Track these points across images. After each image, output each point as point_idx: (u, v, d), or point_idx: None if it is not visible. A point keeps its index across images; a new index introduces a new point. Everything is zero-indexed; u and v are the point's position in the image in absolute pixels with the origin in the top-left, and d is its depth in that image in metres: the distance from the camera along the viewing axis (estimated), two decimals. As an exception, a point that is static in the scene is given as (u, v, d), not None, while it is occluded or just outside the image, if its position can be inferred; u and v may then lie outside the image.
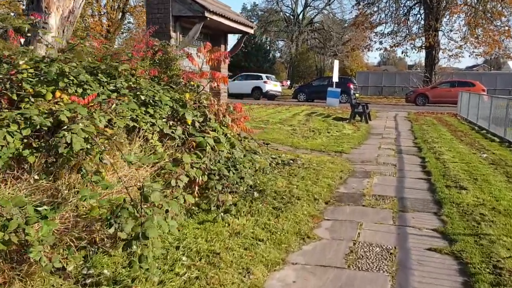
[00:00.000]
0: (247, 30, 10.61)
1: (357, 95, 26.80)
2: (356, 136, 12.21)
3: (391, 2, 33.74)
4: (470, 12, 31.26)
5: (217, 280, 3.32)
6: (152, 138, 4.47)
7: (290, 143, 10.23)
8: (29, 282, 2.91)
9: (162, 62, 5.65)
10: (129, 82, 4.73)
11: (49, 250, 3.01)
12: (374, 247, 4.22)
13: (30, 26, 5.27)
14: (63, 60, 4.28)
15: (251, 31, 10.99)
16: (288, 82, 55.38)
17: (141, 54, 5.31)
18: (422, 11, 33.27)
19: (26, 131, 3.04)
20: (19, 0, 20.88)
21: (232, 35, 11.30)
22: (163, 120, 4.70)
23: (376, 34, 36.04)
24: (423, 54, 34.22)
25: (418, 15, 34.15)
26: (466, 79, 28.80)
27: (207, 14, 8.05)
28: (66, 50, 4.45)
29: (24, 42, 5.80)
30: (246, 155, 5.43)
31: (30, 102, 3.50)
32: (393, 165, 8.27)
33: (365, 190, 6.36)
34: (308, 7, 55.87)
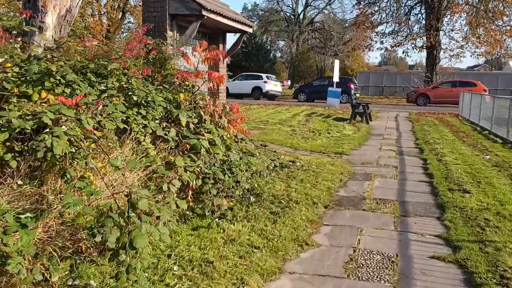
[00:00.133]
0: (246, 29, 10.43)
1: (357, 95, 26.63)
2: (356, 137, 12.04)
3: (392, 1, 33.55)
4: (471, 11, 31.03)
5: (209, 291, 3.16)
6: (144, 141, 4.30)
7: (290, 144, 10.06)
8: (9, 294, 2.75)
9: (156, 61, 5.47)
10: (121, 82, 4.55)
11: (30, 260, 2.84)
12: (375, 255, 4.05)
13: (19, 24, 5.10)
14: (51, 59, 4.12)
15: (250, 30, 10.82)
16: (288, 82, 55.18)
17: (134, 53, 5.14)
18: (423, 11, 33.09)
19: (3, 135, 2.86)
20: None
21: (231, 34, 11.13)
22: (156, 121, 4.52)
23: (377, 33, 35.87)
24: (424, 54, 34.04)
25: (419, 15, 33.97)
26: (467, 79, 28.61)
27: (204, 13, 7.88)
28: (53, 49, 4.29)
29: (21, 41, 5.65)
30: (242, 158, 5.25)
31: (14, 103, 3.32)
32: (394, 167, 8.09)
33: (365, 193, 6.19)
34: (308, 7, 55.82)
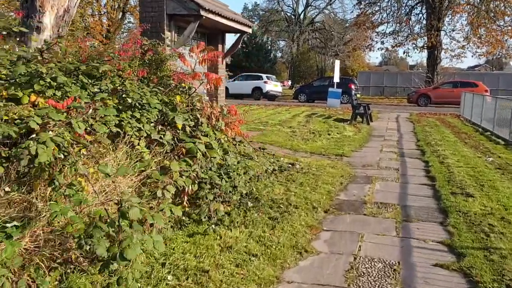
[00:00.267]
0: (245, 29, 10.31)
1: (358, 96, 26.49)
2: (357, 138, 11.90)
3: (393, 1, 33.38)
4: (472, 11, 30.88)
5: (204, 303, 3.04)
6: (138, 144, 4.17)
7: (289, 146, 9.92)
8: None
9: (152, 62, 5.34)
10: (115, 84, 4.43)
11: (16, 271, 2.72)
12: (376, 263, 3.92)
13: (10, 25, 4.99)
14: (41, 60, 3.99)
15: (249, 30, 10.69)
16: (289, 82, 55.02)
17: (129, 54, 5.01)
18: (424, 11, 32.89)
19: (-15, 141, 2.75)
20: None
21: (231, 35, 11.01)
22: (151, 124, 4.40)
23: (377, 34, 35.72)
24: (425, 54, 33.87)
25: (420, 15, 33.78)
26: (468, 80, 28.43)
27: (203, 13, 7.75)
28: (43, 50, 4.16)
29: (17, 42, 5.55)
30: (240, 162, 5.12)
31: (1, 107, 3.19)
32: (395, 169, 7.96)
33: (366, 197, 6.06)
34: (309, 7, 55.68)
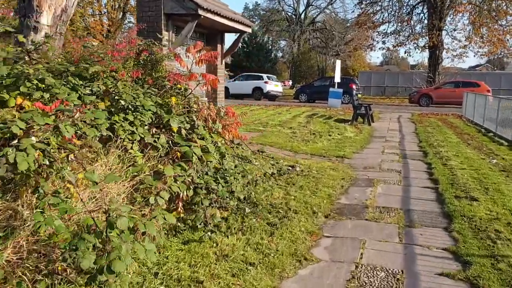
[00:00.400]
0: (245, 29, 10.14)
1: (359, 96, 26.31)
2: (358, 139, 11.74)
3: (394, 1, 33.21)
4: (474, 11, 30.68)
5: (197, 316, 2.88)
6: (131, 148, 4.02)
7: (290, 148, 9.77)
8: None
9: (148, 63, 5.19)
10: (108, 86, 4.27)
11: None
12: (379, 271, 3.76)
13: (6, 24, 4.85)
14: (29, 61, 3.84)
15: (249, 30, 10.52)
16: (290, 82, 54.87)
17: (123, 54, 4.86)
18: (425, 10, 32.70)
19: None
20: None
21: (231, 34, 10.84)
22: (145, 127, 4.24)
23: (378, 33, 35.57)
24: (426, 54, 33.73)
25: (422, 14, 33.59)
26: (470, 80, 28.23)
27: (201, 12, 7.59)
28: (31, 50, 4.01)
29: (15, 42, 5.45)
30: (237, 166, 4.96)
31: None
32: (397, 171, 7.80)
33: (368, 201, 5.90)
34: (310, 7, 55.54)
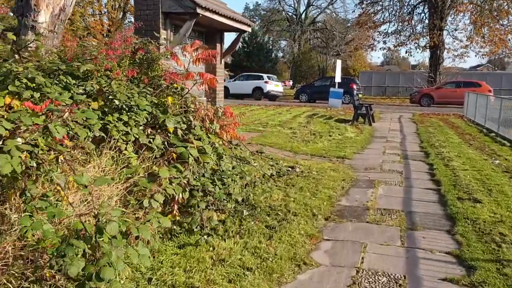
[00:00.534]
0: (244, 28, 10.02)
1: (360, 96, 26.21)
2: (359, 139, 11.62)
3: (395, 1, 33.10)
4: (475, 10, 30.54)
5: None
6: (126, 149, 3.90)
7: (289, 148, 9.65)
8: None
9: (144, 62, 5.08)
10: (102, 85, 4.16)
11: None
12: (380, 277, 3.65)
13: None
14: (19, 59, 3.73)
15: (249, 29, 10.40)
16: (290, 82, 54.76)
17: (118, 53, 4.75)
18: (426, 10, 32.58)
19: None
20: None
21: (231, 34, 10.72)
22: (140, 128, 4.13)
23: (379, 33, 35.43)
24: (427, 53, 33.57)
25: (423, 14, 33.47)
26: (472, 80, 28.11)
27: (199, 11, 7.47)
28: (20, 49, 3.90)
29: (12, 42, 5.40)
30: (235, 167, 4.84)
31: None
32: (399, 172, 7.68)
33: (369, 202, 5.78)
34: (310, 7, 55.46)
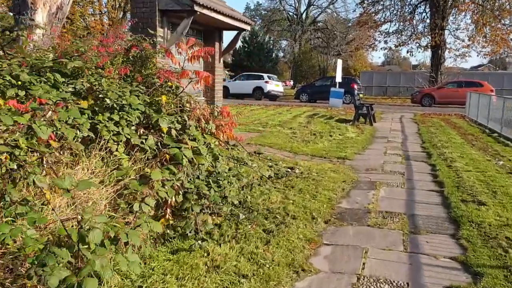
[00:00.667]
0: (244, 26, 9.87)
1: (361, 96, 26.03)
2: (360, 140, 11.45)
3: (396, 0, 32.93)
4: (477, 10, 30.35)
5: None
6: (117, 150, 3.74)
7: (289, 148, 9.49)
8: None
9: (138, 59, 4.92)
10: (93, 83, 4.00)
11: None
12: (382, 284, 3.48)
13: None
14: (3, 56, 3.58)
15: (248, 28, 10.25)
16: (291, 82, 54.60)
17: (110, 50, 4.59)
18: (427, 9, 32.42)
19: None
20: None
21: (231, 33, 10.55)
22: (132, 128, 3.97)
23: (380, 33, 35.26)
24: (429, 53, 33.42)
25: (424, 14, 33.32)
26: (473, 79, 27.95)
27: (197, 8, 7.32)
28: (4, 44, 3.75)
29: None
30: (232, 169, 4.67)
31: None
32: (400, 173, 7.52)
33: (370, 205, 5.62)
34: (311, 6, 55.26)
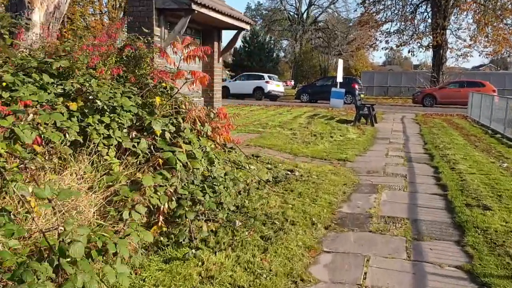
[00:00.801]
0: (243, 25, 9.69)
1: (362, 96, 25.87)
2: (361, 141, 11.28)
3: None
4: (479, 9, 30.17)
5: None
6: (107, 154, 3.58)
7: (289, 150, 9.32)
8: None
9: (131, 59, 4.76)
10: (83, 84, 3.84)
11: None
12: (385, 295, 3.32)
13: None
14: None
15: (247, 27, 10.06)
16: (292, 82, 54.44)
17: (102, 49, 4.43)
18: (429, 9, 32.25)
19: None
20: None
21: (230, 32, 10.35)
22: (124, 131, 3.80)
23: (381, 33, 35.08)
24: (430, 53, 33.23)
25: (425, 13, 33.15)
26: (475, 79, 27.77)
27: (194, 7, 7.14)
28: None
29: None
30: (228, 173, 4.50)
31: None
32: (403, 176, 7.35)
33: (372, 209, 5.45)
34: (312, 6, 55.09)
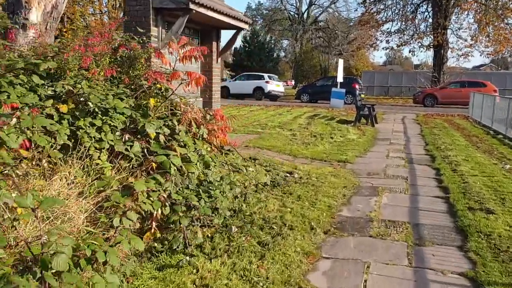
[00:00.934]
0: (242, 25, 9.58)
1: (362, 96, 25.74)
2: (361, 141, 11.17)
3: (398, -1, 32.63)
4: (480, 9, 30.03)
5: None
6: (99, 158, 3.47)
7: (289, 151, 9.20)
8: None
9: (126, 60, 4.65)
10: (76, 86, 3.73)
11: None
12: (386, 305, 3.21)
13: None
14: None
15: (246, 26, 9.95)
16: (292, 82, 54.31)
17: (95, 50, 4.31)
18: (430, 9, 32.11)
19: None
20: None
21: (230, 32, 10.24)
22: (117, 133, 3.69)
23: (382, 32, 34.94)
24: (431, 53, 33.09)
25: (426, 13, 33.03)
26: (476, 79, 27.63)
27: (192, 6, 7.03)
28: None
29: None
30: (223, 177, 4.39)
31: None
32: (404, 178, 7.23)
33: (372, 213, 5.33)
34: (312, 6, 54.95)
